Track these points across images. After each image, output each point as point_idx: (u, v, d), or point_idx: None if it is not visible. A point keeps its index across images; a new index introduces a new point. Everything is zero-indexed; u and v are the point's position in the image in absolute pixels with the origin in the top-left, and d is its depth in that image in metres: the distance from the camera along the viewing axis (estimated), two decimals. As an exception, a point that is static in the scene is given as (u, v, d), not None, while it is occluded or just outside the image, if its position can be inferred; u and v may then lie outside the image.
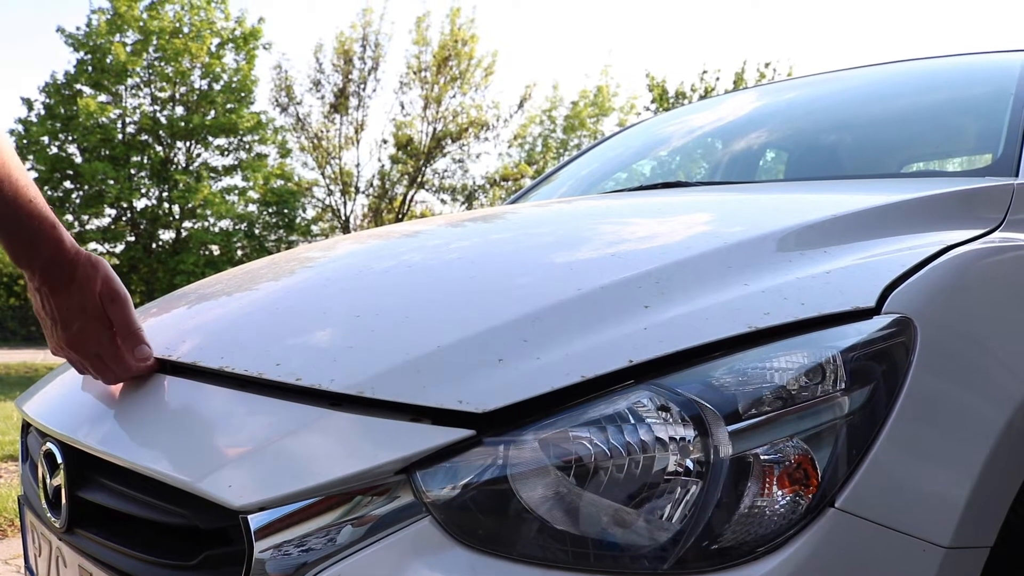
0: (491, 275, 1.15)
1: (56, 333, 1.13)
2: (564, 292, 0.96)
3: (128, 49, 16.50)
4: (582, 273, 1.04)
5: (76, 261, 1.08)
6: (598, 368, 0.81)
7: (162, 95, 17.51)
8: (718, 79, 16.76)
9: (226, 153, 18.31)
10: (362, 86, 17.21)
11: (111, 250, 17.05)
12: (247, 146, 18.27)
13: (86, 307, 1.08)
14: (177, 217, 17.79)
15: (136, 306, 1.22)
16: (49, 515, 1.13)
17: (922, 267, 0.96)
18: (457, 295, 1.07)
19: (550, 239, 1.38)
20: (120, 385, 1.14)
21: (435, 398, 0.82)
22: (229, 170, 18.25)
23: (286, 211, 18.26)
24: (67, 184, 16.65)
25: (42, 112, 16.66)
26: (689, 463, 0.77)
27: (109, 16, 16.65)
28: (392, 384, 0.86)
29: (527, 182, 17.98)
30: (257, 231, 18.31)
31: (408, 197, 18.14)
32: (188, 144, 17.86)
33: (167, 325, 1.25)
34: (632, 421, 0.78)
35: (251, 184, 18.23)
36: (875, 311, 0.88)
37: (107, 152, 16.66)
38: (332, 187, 18.09)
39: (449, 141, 17.72)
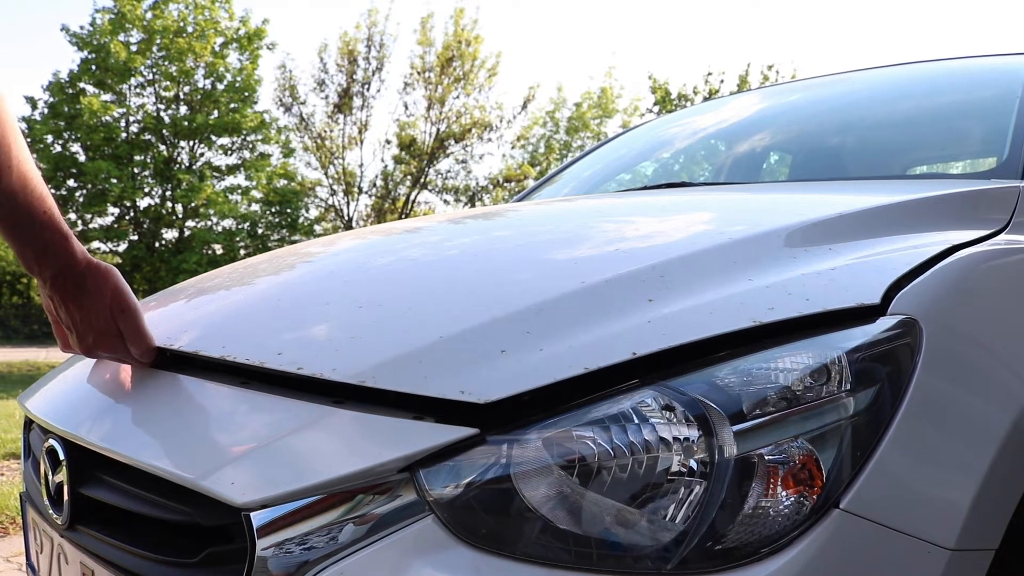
0: (493, 269, 1.15)
1: (71, 340, 1.14)
2: (567, 285, 0.96)
3: (132, 48, 16.52)
4: (585, 267, 1.04)
5: (86, 272, 1.08)
6: (601, 360, 0.81)
7: (166, 94, 17.54)
8: (722, 81, 16.78)
9: (229, 152, 18.35)
10: (366, 86, 17.22)
11: (114, 249, 17.08)
12: (250, 145, 18.31)
13: (97, 319, 1.09)
14: (180, 216, 17.82)
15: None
16: (51, 512, 1.13)
17: (928, 267, 0.96)
18: (459, 288, 1.07)
19: (553, 235, 1.38)
20: (123, 382, 1.14)
21: (437, 388, 0.82)
22: (232, 169, 18.29)
23: (289, 211, 18.28)
24: (70, 183, 16.69)
25: (46, 111, 16.70)
26: (693, 463, 0.76)
27: (113, 15, 16.67)
28: (394, 374, 0.86)
29: (530, 183, 17.98)
30: (260, 230, 18.34)
31: (411, 198, 18.14)
32: (191, 143, 17.90)
33: (167, 317, 1.25)
34: (636, 421, 0.78)
35: (254, 183, 18.26)
36: (880, 309, 0.88)
37: (110, 151, 16.70)
38: (335, 187, 18.09)
39: (452, 142, 17.72)
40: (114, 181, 16.12)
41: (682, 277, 0.95)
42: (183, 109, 17.55)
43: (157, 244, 17.64)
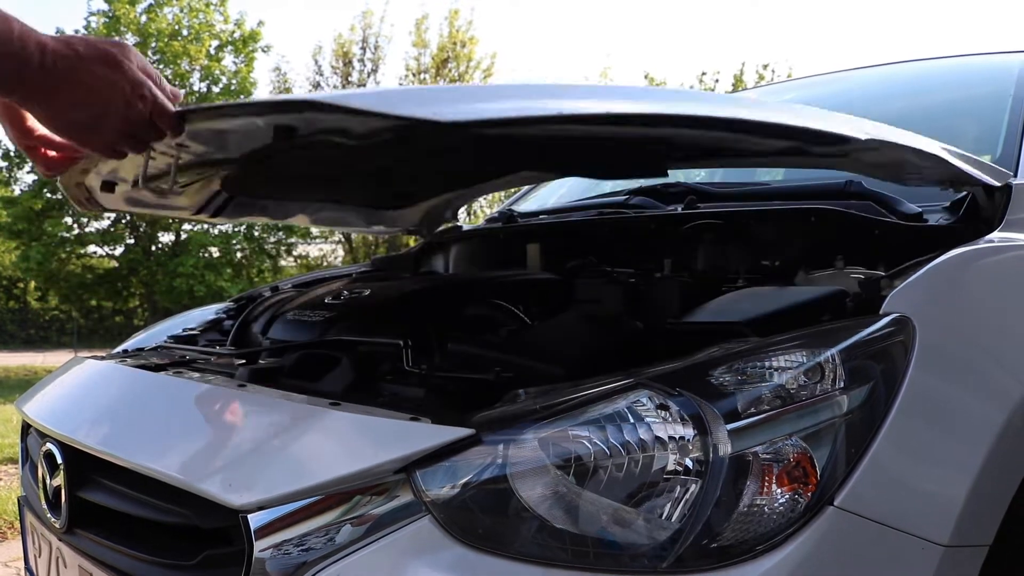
0: None
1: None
2: None
3: (127, 51, 16.50)
4: None
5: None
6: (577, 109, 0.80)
7: (161, 97, 17.51)
8: (717, 81, 16.79)
9: (226, 155, 18.29)
10: (361, 88, 17.23)
11: (111, 252, 17.04)
12: (247, 148, 18.26)
13: (113, 94, 0.87)
14: (176, 219, 17.79)
15: (135, 308, 1.22)
16: (49, 516, 1.13)
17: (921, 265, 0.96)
18: None
19: None
20: (120, 385, 1.14)
21: (408, 109, 0.76)
22: (229, 172, 18.24)
23: (286, 213, 18.24)
24: (66, 186, 16.62)
25: (41, 115, 16.65)
26: (688, 462, 0.77)
27: (108, 19, 16.66)
28: (371, 96, 0.82)
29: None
30: (256, 233, 18.30)
31: (407, 199, 18.11)
32: (187, 146, 17.86)
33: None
34: (631, 420, 0.78)
35: (251, 186, 18.22)
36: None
37: (106, 154, 16.65)
38: (331, 189, 18.07)
39: (448, 143, 17.71)
40: (110, 185, 16.08)
41: None
42: (179, 112, 17.54)
43: (153, 247, 17.59)
